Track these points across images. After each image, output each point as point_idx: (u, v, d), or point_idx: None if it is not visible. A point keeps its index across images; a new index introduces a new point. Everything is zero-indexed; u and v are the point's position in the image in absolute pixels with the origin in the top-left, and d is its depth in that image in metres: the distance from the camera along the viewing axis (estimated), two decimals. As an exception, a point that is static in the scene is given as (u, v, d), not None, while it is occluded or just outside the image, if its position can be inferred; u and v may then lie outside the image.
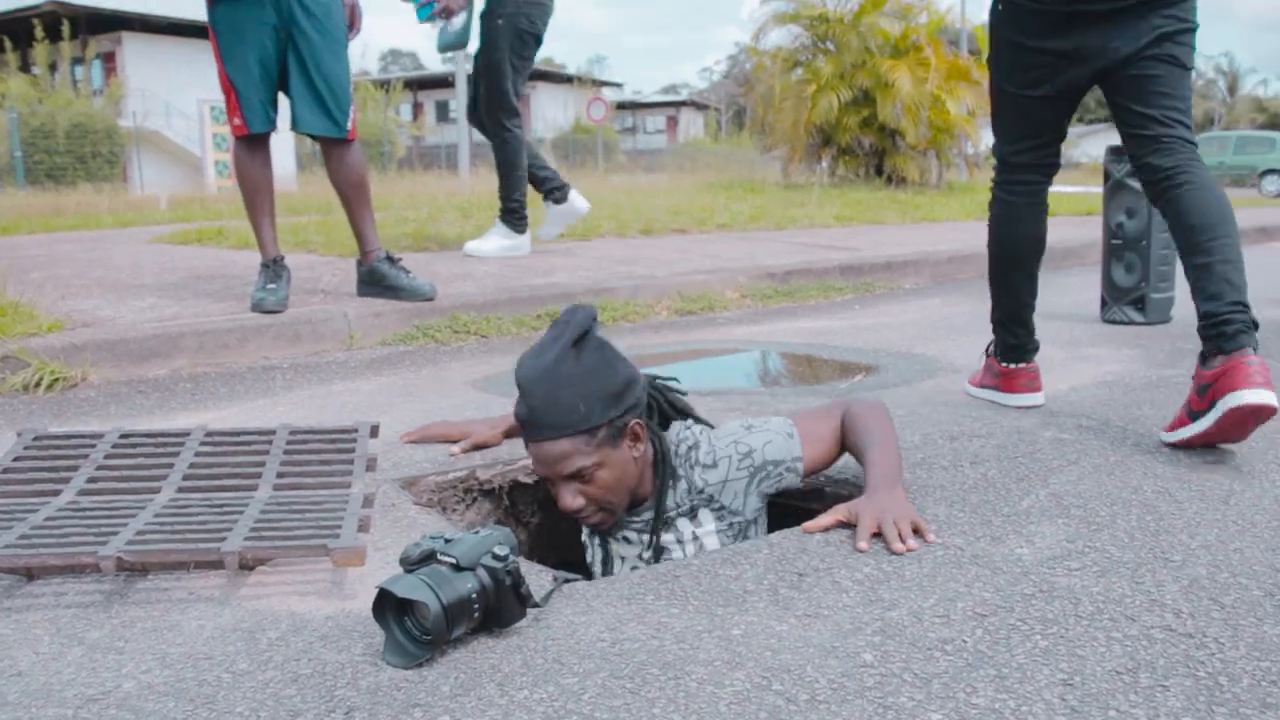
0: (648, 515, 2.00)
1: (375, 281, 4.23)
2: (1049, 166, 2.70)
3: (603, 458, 1.85)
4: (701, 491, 1.98)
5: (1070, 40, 2.44)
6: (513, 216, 5.65)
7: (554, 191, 5.83)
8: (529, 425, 1.85)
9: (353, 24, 4.07)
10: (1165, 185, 2.44)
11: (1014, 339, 2.78)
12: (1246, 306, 2.27)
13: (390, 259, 4.25)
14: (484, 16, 5.31)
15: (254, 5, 3.76)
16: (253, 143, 3.94)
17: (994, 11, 2.60)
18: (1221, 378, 2.19)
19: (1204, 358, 2.29)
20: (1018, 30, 2.52)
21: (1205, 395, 2.23)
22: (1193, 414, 2.27)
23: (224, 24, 3.81)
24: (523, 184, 5.59)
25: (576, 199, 5.91)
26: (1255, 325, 2.27)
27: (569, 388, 1.81)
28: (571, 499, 1.88)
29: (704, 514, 1.99)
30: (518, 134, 5.46)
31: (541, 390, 1.82)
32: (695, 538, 1.99)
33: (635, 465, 1.92)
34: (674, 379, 2.15)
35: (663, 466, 1.98)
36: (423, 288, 4.21)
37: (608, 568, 2.07)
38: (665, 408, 2.08)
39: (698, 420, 2.11)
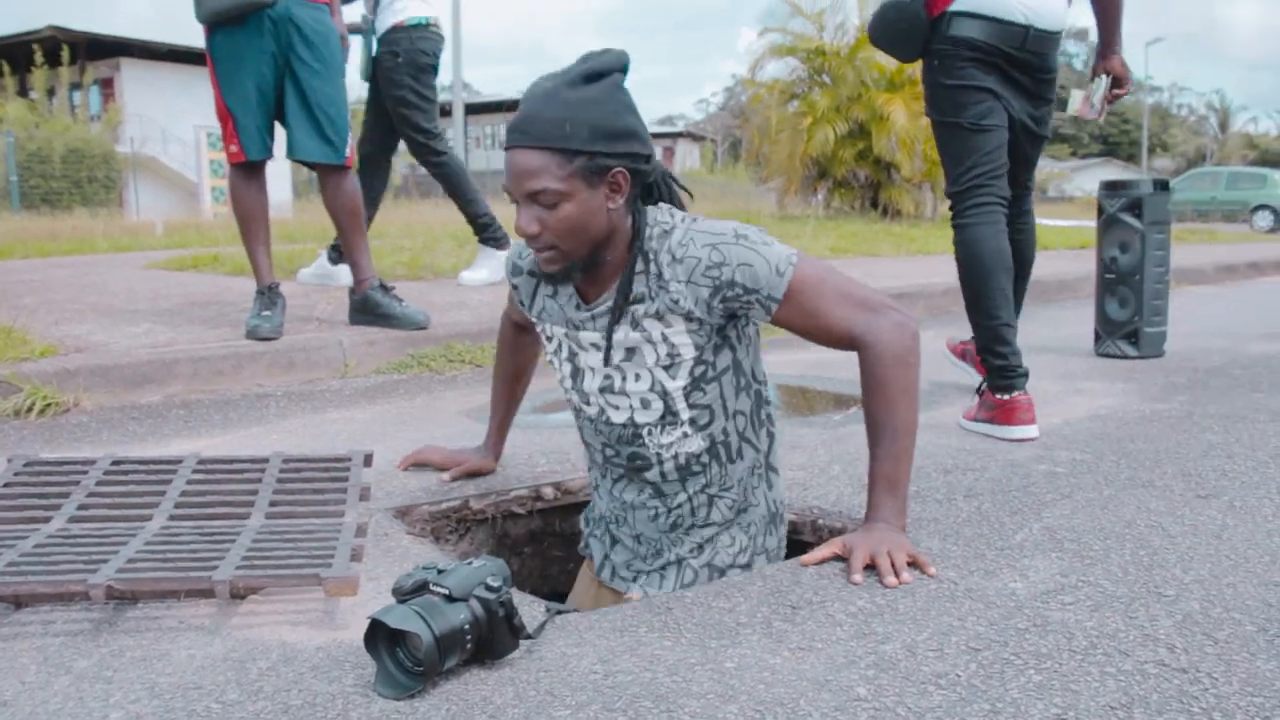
0: (607, 303, 1.84)
1: (368, 310, 4.22)
2: (1004, 195, 2.99)
3: (572, 189, 1.70)
4: (665, 286, 1.79)
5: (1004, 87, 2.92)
6: (487, 233, 5.58)
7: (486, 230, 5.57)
8: (511, 130, 1.72)
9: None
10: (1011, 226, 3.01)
11: (1000, 360, 2.86)
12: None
13: (384, 287, 4.24)
14: (380, 56, 5.09)
15: (253, 33, 3.78)
16: (249, 170, 3.95)
17: (931, 66, 2.95)
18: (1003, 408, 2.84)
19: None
20: (963, 74, 2.89)
21: (991, 412, 2.87)
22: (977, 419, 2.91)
23: (222, 51, 3.82)
24: (478, 200, 5.48)
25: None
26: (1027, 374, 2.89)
27: (564, 106, 1.68)
28: (528, 223, 1.73)
29: (670, 315, 1.82)
30: (449, 157, 5.32)
31: (538, 101, 1.70)
32: (665, 339, 1.83)
33: (605, 217, 1.75)
34: (684, 189, 1.97)
35: (636, 242, 1.81)
36: (416, 316, 4.20)
37: (578, 381, 1.95)
38: (664, 195, 1.90)
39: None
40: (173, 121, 27.89)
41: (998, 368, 2.86)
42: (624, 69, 1.75)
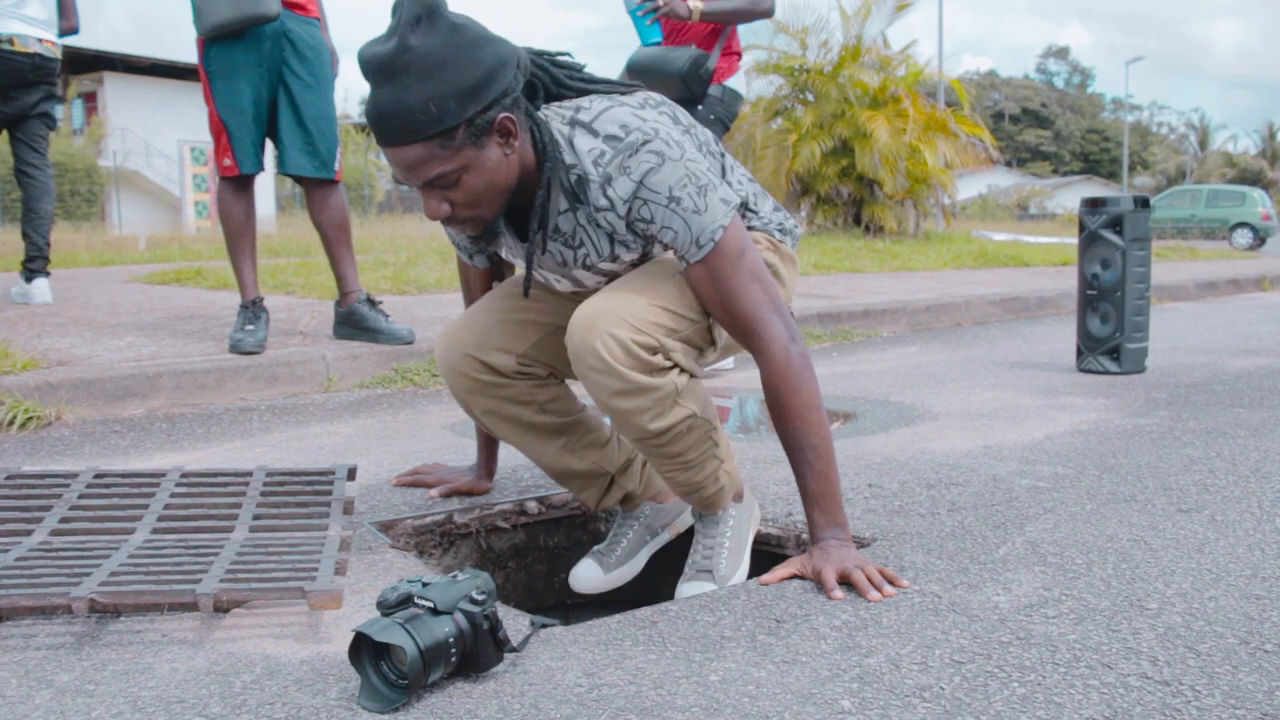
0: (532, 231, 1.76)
1: (354, 324, 4.22)
2: None
3: (465, 160, 1.59)
4: (586, 201, 1.71)
5: None
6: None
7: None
8: (375, 127, 1.59)
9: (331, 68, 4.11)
10: None
11: None
12: None
13: (370, 301, 4.25)
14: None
15: (248, 48, 3.80)
16: (240, 184, 3.96)
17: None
18: None
19: None
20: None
21: None
22: None
23: (217, 65, 3.84)
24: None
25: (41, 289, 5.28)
26: None
27: (416, 84, 1.53)
28: (435, 206, 1.64)
29: (602, 218, 1.74)
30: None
31: (387, 87, 1.55)
32: (610, 241, 1.78)
33: (507, 165, 1.65)
34: (566, 53, 1.82)
35: (545, 161, 1.69)
36: (401, 332, 4.20)
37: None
38: (551, 87, 1.75)
39: (588, 90, 1.79)
40: (156, 136, 27.85)
41: None
42: None
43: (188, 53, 3.87)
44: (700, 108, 3.74)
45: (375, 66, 1.55)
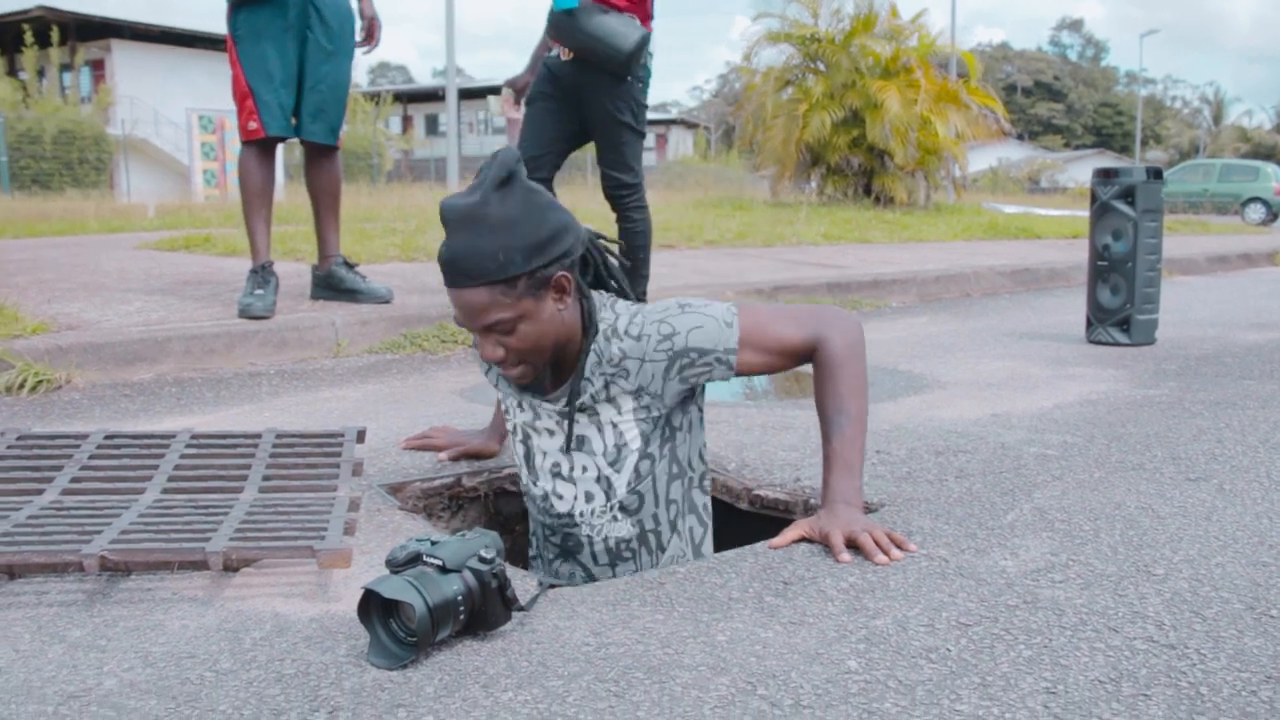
0: (569, 393, 1.88)
1: (332, 285, 4.30)
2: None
3: (523, 310, 1.73)
4: (617, 364, 1.84)
5: None
6: None
7: None
8: (446, 269, 1.73)
9: (371, 35, 4.15)
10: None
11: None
12: None
13: (347, 264, 4.31)
14: None
15: (275, 12, 3.83)
16: (264, 148, 3.99)
17: (634, 86, 3.75)
18: None
19: None
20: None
21: None
22: None
23: (244, 29, 3.87)
24: None
25: None
26: None
27: (489, 234, 1.68)
28: (492, 349, 1.77)
29: (622, 398, 1.87)
30: None
31: (462, 234, 1.70)
32: (615, 426, 1.89)
33: (559, 321, 1.79)
34: (618, 242, 2.06)
35: (587, 327, 1.84)
36: (379, 291, 4.30)
37: (530, 463, 2.00)
38: (600, 269, 1.92)
39: (628, 295, 1.96)
40: (164, 104, 27.77)
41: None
42: (519, 161, 1.75)
43: (197, 20, 3.93)
44: (629, 79, 3.73)
45: (456, 216, 1.71)
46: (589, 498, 1.93)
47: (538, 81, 3.86)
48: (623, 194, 3.87)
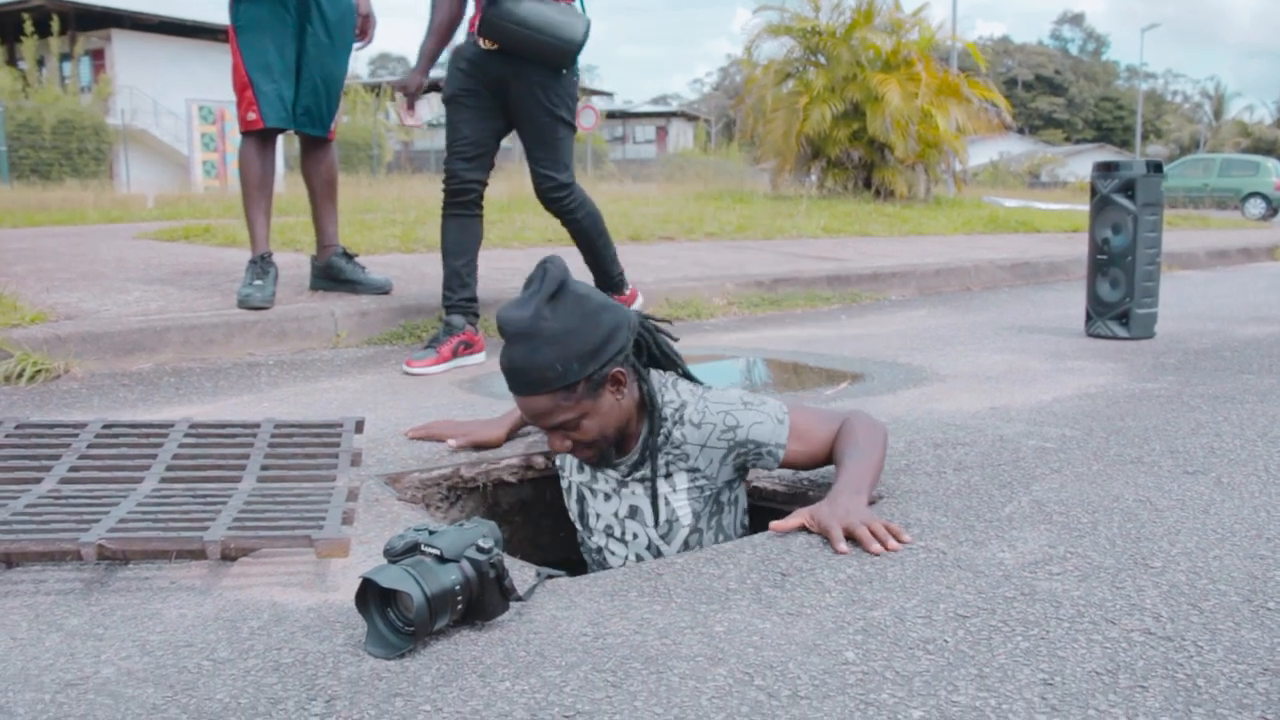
0: (631, 462, 2.01)
1: (331, 276, 4.31)
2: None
3: (584, 409, 1.87)
4: (679, 447, 1.98)
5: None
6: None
7: None
8: (509, 379, 1.87)
9: (365, 32, 4.16)
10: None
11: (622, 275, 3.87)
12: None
13: (346, 254, 4.31)
14: None
15: (276, 4, 3.85)
16: (263, 139, 3.99)
17: (569, 79, 3.56)
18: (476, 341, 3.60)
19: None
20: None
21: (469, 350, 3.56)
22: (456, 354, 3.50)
23: (245, 20, 3.88)
24: None
25: None
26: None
27: (546, 347, 1.81)
28: (560, 443, 1.91)
29: (678, 475, 2.00)
30: None
31: (520, 347, 1.82)
32: (668, 501, 2.00)
33: (619, 408, 1.92)
34: (666, 321, 2.14)
35: (650, 410, 1.97)
36: (379, 281, 4.31)
37: (585, 521, 2.12)
38: (654, 350, 2.04)
39: (686, 373, 2.09)
40: (164, 94, 27.71)
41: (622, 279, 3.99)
42: (567, 270, 1.88)
43: (197, 11, 3.91)
44: (565, 72, 3.53)
45: (513, 330, 1.84)
46: (639, 559, 2.04)
47: (455, 76, 3.53)
48: (560, 195, 3.64)
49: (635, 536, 2.04)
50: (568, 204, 3.67)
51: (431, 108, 3.68)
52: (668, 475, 2.00)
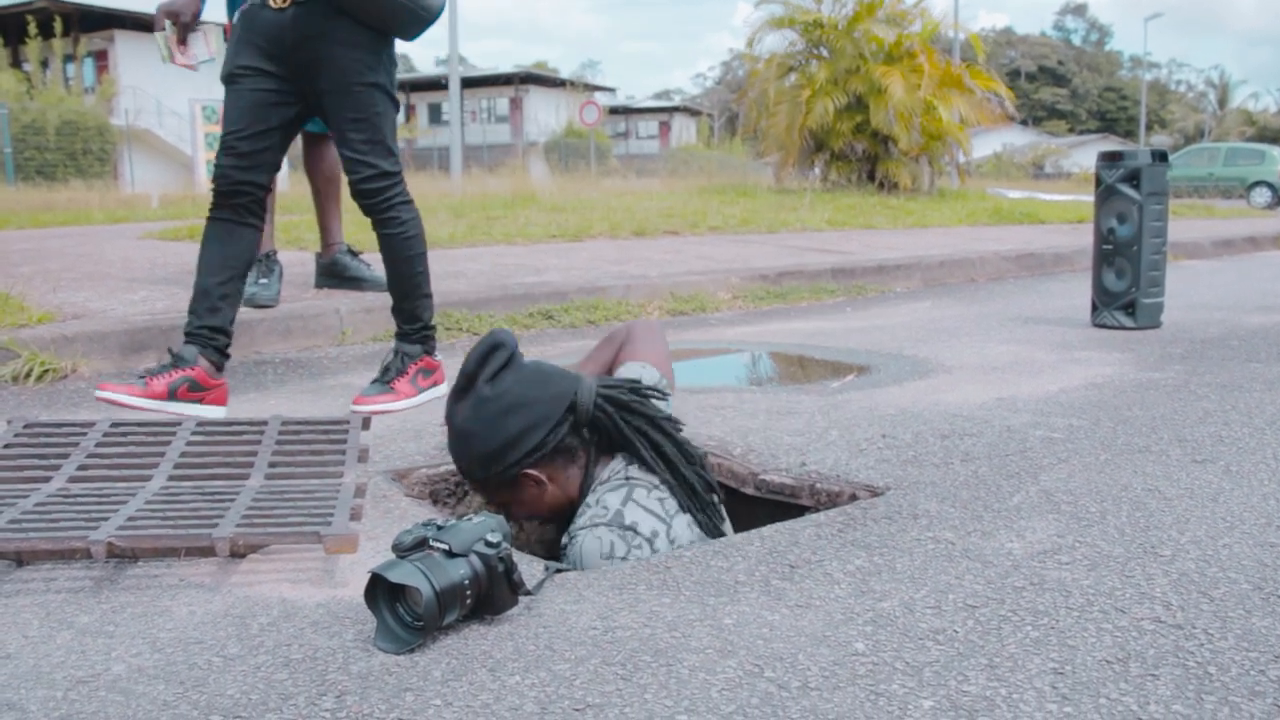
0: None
1: (336, 273, 4.31)
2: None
3: (504, 499, 1.97)
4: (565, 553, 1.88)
5: None
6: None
7: None
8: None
9: None
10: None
11: (428, 325, 2.99)
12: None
13: (351, 252, 4.31)
14: None
15: None
16: None
17: (390, 59, 2.89)
18: (440, 369, 3.02)
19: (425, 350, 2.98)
20: None
21: (433, 375, 2.98)
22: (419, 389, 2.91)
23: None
24: None
25: None
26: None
27: (457, 442, 1.95)
28: (498, 511, 1.98)
29: None
30: None
31: (448, 434, 1.99)
32: None
33: (547, 498, 1.96)
34: (653, 391, 2.06)
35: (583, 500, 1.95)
36: (384, 279, 4.26)
37: None
38: (615, 433, 1.97)
39: (656, 450, 1.95)
40: (167, 95, 27.72)
41: (431, 334, 3.02)
42: (482, 362, 1.92)
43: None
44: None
45: (445, 415, 1.99)
46: None
47: (238, 50, 2.78)
48: (382, 186, 2.82)
49: None
50: (392, 197, 2.85)
51: (209, 44, 3.04)
52: None
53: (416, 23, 2.81)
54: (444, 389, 2.96)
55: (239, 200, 2.79)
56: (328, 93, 2.76)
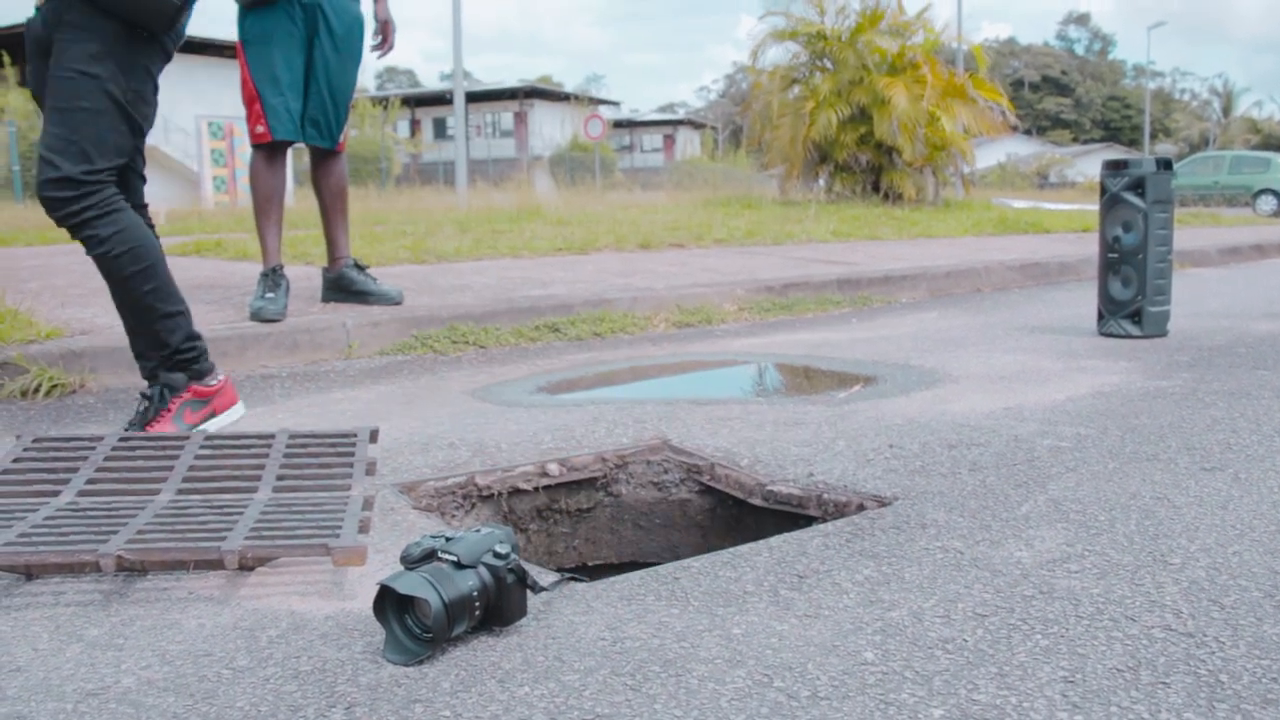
0: None
1: (343, 287, 4.32)
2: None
3: None
4: None
5: None
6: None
7: None
8: None
9: (386, 39, 4.22)
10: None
11: (197, 349, 2.66)
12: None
13: (358, 266, 4.33)
14: None
15: (284, 17, 3.88)
16: (272, 151, 4.03)
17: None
18: (220, 393, 2.69)
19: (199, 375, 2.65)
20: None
21: (208, 405, 2.65)
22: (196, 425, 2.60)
23: (254, 33, 3.92)
24: None
25: None
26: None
27: None
28: None
29: None
30: None
31: None
32: None
33: None
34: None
35: None
36: (390, 293, 4.31)
37: None
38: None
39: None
40: (173, 111, 27.77)
41: (197, 355, 2.65)
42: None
43: (205, 28, 3.95)
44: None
45: None
46: None
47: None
48: (66, 196, 2.48)
49: None
50: (79, 211, 2.46)
51: None
52: None
53: (170, 14, 2.63)
54: (236, 413, 2.72)
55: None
56: (48, 79, 2.53)
